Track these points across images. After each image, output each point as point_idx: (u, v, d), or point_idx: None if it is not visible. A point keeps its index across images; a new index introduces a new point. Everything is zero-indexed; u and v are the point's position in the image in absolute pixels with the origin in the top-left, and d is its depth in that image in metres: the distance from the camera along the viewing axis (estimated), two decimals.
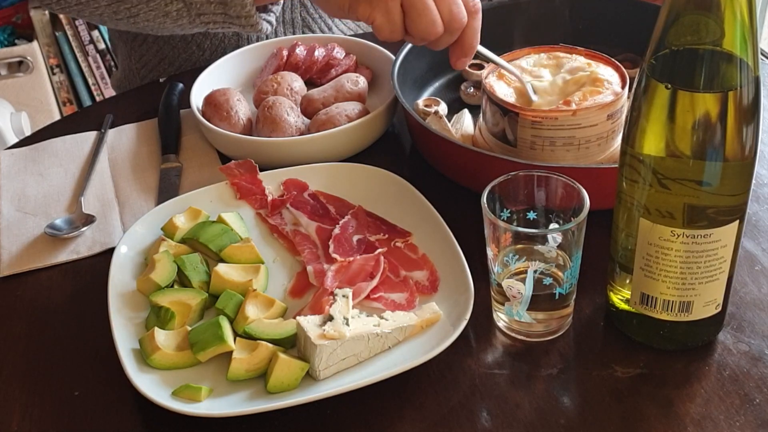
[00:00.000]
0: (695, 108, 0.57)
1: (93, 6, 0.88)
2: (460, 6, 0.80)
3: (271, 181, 0.87)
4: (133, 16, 0.87)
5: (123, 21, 0.89)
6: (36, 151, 1.00)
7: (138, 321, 0.73)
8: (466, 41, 0.83)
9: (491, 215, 0.66)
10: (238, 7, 0.83)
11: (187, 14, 0.85)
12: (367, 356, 0.68)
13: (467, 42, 0.83)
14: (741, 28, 0.55)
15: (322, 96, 0.97)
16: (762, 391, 0.65)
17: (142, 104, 1.08)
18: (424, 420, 0.65)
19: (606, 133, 0.83)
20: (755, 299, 0.73)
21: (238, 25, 0.85)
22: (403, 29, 0.81)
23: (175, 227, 0.81)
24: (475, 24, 0.82)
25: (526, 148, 0.83)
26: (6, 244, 0.85)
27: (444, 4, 0.79)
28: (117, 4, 0.86)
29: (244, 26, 0.85)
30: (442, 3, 0.79)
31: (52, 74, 2.41)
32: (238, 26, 0.85)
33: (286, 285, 0.77)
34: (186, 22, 0.85)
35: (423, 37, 0.81)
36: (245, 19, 0.85)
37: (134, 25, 0.89)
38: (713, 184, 0.59)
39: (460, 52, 0.83)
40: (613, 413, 0.64)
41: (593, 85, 0.83)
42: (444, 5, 0.79)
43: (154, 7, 0.85)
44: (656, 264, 0.63)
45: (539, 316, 0.69)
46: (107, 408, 0.68)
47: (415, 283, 0.75)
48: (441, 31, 0.80)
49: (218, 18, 0.85)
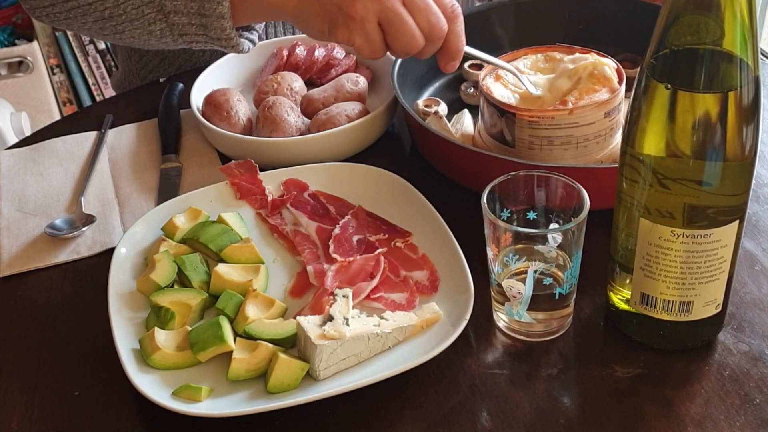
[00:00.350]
0: (695, 108, 0.57)
1: (81, 21, 0.90)
2: (438, 15, 0.79)
3: (271, 181, 0.87)
4: (119, 33, 0.90)
5: (110, 36, 0.91)
6: (36, 151, 1.00)
7: (138, 321, 0.73)
8: (451, 47, 0.82)
9: (491, 215, 0.66)
10: (218, 30, 0.85)
11: (170, 33, 0.87)
12: (367, 356, 0.68)
13: (452, 47, 0.82)
14: (741, 28, 0.55)
15: (322, 96, 0.97)
16: (762, 391, 0.65)
17: (142, 104, 1.08)
18: (424, 420, 0.65)
19: (604, 131, 0.83)
20: (755, 299, 0.73)
21: (219, 45, 0.87)
22: (384, 47, 0.81)
23: (175, 227, 0.81)
24: (456, 28, 0.82)
25: (524, 148, 0.83)
26: (6, 244, 0.85)
27: (421, 15, 0.79)
28: (103, 21, 0.88)
29: (225, 47, 0.87)
30: (420, 15, 0.79)
31: (52, 74, 2.41)
32: (219, 46, 0.87)
33: (286, 285, 0.77)
34: (170, 40, 0.88)
35: (405, 52, 0.81)
36: (225, 41, 0.86)
37: (121, 41, 0.92)
38: (713, 184, 0.59)
39: (447, 57, 0.83)
40: (613, 413, 0.64)
41: (589, 80, 0.83)
42: (421, 17, 0.79)
43: (138, 26, 0.87)
44: (656, 264, 0.63)
45: (539, 316, 0.69)
46: (107, 408, 0.68)
47: (415, 283, 0.75)
48: (422, 43, 0.80)
49: (200, 39, 0.87)
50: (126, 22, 0.87)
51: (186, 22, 0.84)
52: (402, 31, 0.78)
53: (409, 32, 0.79)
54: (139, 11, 0.85)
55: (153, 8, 0.84)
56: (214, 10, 0.83)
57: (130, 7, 0.85)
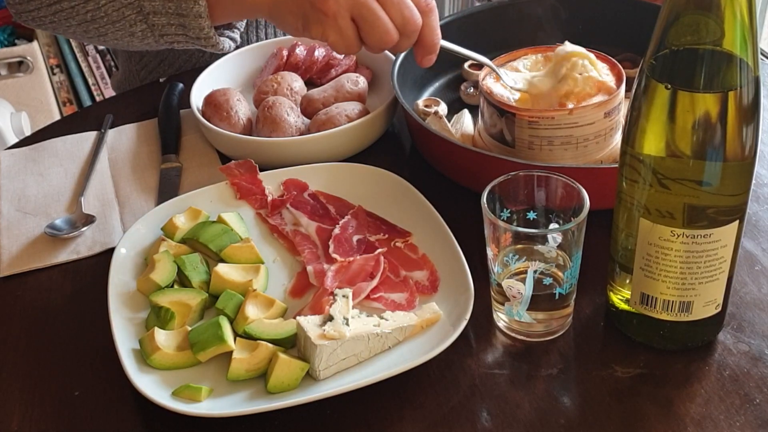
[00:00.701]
0: (695, 108, 0.57)
1: (65, 25, 0.91)
2: (411, 9, 0.79)
3: (271, 181, 0.87)
4: (102, 35, 0.91)
5: (95, 39, 0.93)
6: (36, 151, 1.00)
7: (138, 321, 0.73)
8: (426, 41, 0.82)
9: (491, 215, 0.66)
10: (197, 29, 0.86)
11: (152, 34, 0.88)
12: (367, 356, 0.68)
13: (428, 41, 0.82)
14: (741, 28, 0.55)
15: (322, 96, 0.97)
16: (762, 391, 0.65)
17: (142, 104, 1.08)
18: (424, 420, 0.65)
19: (604, 131, 0.83)
20: (755, 299, 0.73)
21: (200, 45, 0.87)
22: (359, 42, 0.81)
23: (175, 227, 0.81)
24: (431, 22, 0.82)
25: (524, 148, 0.83)
26: (6, 244, 0.85)
27: (395, 10, 0.78)
28: (86, 24, 0.89)
29: (205, 46, 0.88)
30: (393, 9, 0.78)
31: (52, 74, 2.41)
32: (200, 45, 0.88)
33: (286, 285, 0.77)
34: (152, 41, 0.89)
35: (380, 47, 0.81)
36: (205, 40, 0.87)
37: (106, 43, 0.93)
38: (713, 184, 0.59)
39: (423, 51, 0.83)
40: (613, 413, 0.64)
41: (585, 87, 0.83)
42: (395, 11, 0.79)
43: (120, 28, 0.88)
44: (656, 264, 0.63)
45: (539, 316, 0.69)
46: (107, 408, 0.68)
47: (415, 283, 0.75)
48: (396, 38, 0.80)
49: (180, 38, 0.88)
50: (108, 24, 0.87)
51: (165, 22, 0.85)
52: (375, 26, 0.78)
53: (382, 27, 0.78)
54: (120, 13, 0.86)
55: (133, 10, 0.85)
56: (191, 9, 0.84)
57: (110, 9, 0.86)
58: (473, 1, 1.25)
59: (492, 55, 0.90)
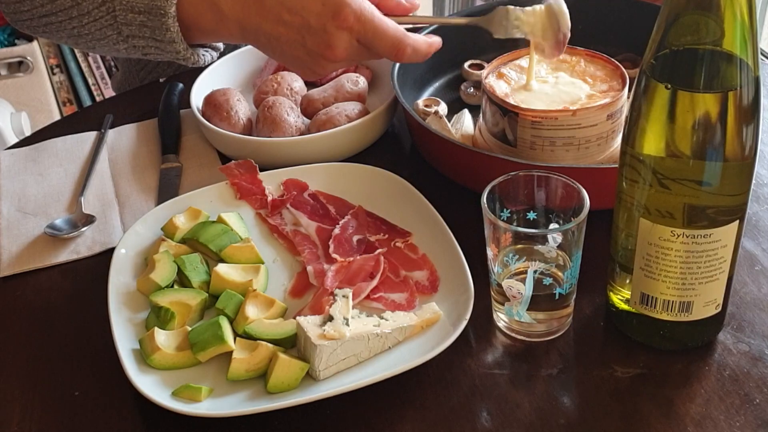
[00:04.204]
0: (695, 108, 0.57)
1: (57, 36, 0.92)
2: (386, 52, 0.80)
3: (271, 181, 0.87)
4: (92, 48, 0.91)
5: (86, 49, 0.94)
6: (36, 151, 1.00)
7: (138, 321, 0.73)
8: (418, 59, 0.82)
9: (491, 215, 0.66)
10: (173, 52, 0.87)
11: (135, 52, 0.89)
12: (367, 356, 0.68)
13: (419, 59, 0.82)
14: (741, 28, 0.55)
15: (322, 96, 0.97)
16: (762, 391, 0.65)
17: (142, 104, 1.08)
18: (424, 420, 0.65)
19: (606, 133, 0.83)
20: (755, 299, 0.73)
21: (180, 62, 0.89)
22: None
23: (175, 227, 0.81)
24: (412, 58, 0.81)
25: (525, 148, 0.83)
26: (6, 244, 0.85)
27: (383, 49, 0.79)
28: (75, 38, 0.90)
29: (185, 63, 0.89)
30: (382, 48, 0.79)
31: (52, 74, 2.41)
32: (181, 63, 0.89)
33: (286, 285, 0.77)
34: (137, 56, 0.90)
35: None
36: (183, 60, 0.88)
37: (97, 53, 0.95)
38: (713, 184, 0.59)
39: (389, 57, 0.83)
40: (613, 413, 0.64)
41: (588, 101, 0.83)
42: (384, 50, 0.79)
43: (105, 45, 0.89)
44: (656, 264, 0.63)
45: (539, 316, 0.69)
46: (107, 408, 0.68)
47: (415, 283, 0.75)
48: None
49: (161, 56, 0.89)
50: (94, 40, 0.89)
51: (144, 44, 0.86)
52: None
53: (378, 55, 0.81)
54: (102, 33, 0.87)
55: (113, 31, 0.86)
56: (165, 36, 0.84)
57: (93, 28, 0.87)
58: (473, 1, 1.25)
59: (492, 55, 0.90)
